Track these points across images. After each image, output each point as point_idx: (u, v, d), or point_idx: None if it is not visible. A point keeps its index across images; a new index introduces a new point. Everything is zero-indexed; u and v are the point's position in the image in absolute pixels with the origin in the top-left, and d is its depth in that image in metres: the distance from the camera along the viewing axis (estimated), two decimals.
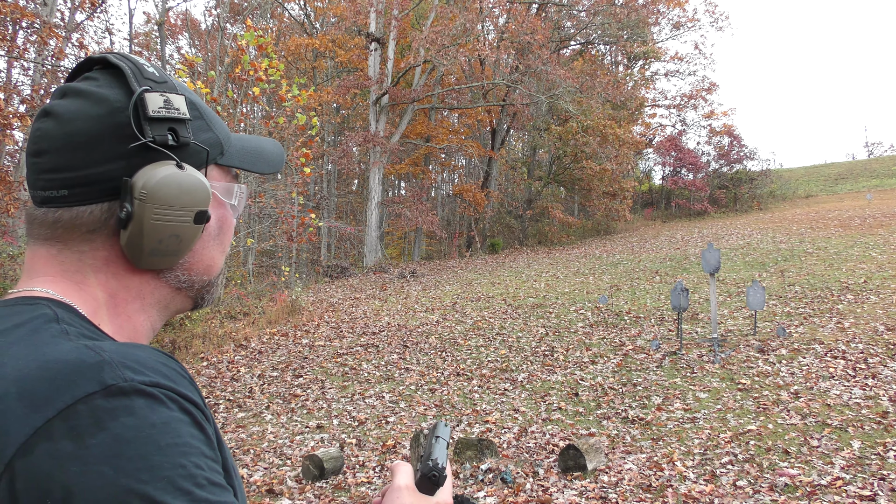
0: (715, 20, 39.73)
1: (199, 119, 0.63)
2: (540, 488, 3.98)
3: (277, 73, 8.67)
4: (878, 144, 47.91)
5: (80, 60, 0.63)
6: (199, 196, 0.59)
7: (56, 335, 0.51)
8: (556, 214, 21.59)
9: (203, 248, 0.64)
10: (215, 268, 0.67)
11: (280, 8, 25.08)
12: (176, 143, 0.59)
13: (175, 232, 0.59)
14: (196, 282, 0.65)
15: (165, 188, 0.57)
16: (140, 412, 0.46)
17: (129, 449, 0.44)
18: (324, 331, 9.41)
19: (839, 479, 3.66)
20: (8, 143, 9.40)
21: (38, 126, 0.58)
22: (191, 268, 0.64)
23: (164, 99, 0.58)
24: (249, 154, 0.69)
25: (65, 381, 0.46)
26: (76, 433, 0.44)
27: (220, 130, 0.66)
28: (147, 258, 0.59)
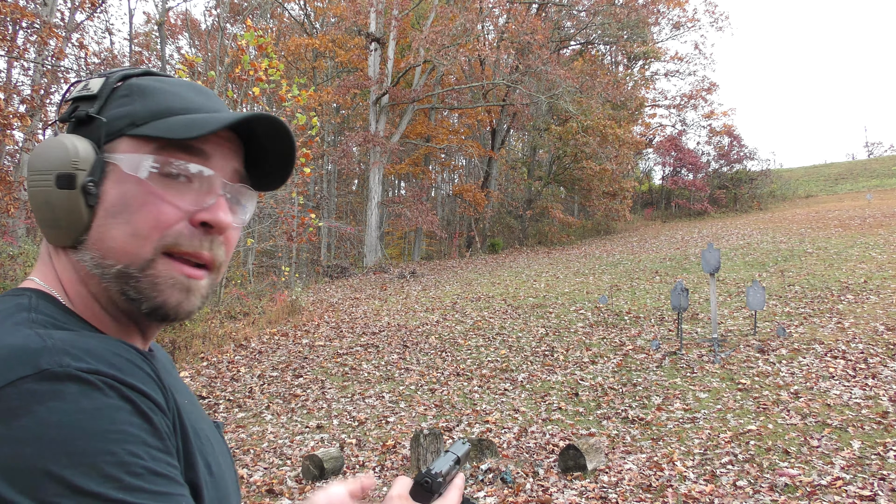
0: (715, 20, 39.75)
1: (126, 97, 0.60)
2: (540, 488, 3.98)
3: (277, 73, 8.67)
4: (878, 144, 47.94)
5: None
6: (55, 156, 0.57)
7: (20, 323, 0.52)
8: (556, 214, 21.59)
9: (101, 227, 0.57)
10: (121, 252, 0.57)
11: (280, 8, 25.09)
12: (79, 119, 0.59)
13: (45, 198, 0.57)
14: (105, 266, 0.57)
15: (34, 156, 0.58)
16: (70, 397, 0.46)
17: (53, 432, 0.44)
18: (324, 331, 9.41)
19: (839, 479, 3.66)
20: (8, 143, 9.40)
21: None
22: (92, 247, 0.58)
23: (85, 83, 0.61)
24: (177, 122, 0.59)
25: (2, 366, 0.46)
26: (3, 416, 0.44)
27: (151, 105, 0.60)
28: (42, 229, 0.59)
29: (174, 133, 0.57)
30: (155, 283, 0.58)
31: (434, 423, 5.49)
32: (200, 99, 0.63)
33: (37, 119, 9.89)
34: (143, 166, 0.58)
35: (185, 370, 7.73)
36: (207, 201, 0.60)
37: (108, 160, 0.58)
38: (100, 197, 0.57)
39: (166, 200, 0.58)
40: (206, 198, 0.60)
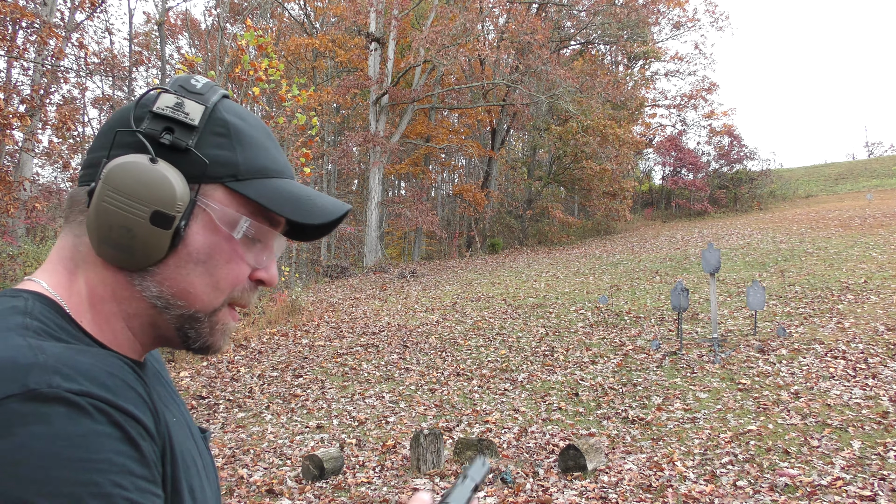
0: (715, 20, 39.77)
1: (223, 137, 0.60)
2: (540, 488, 3.98)
3: (277, 73, 8.67)
4: (878, 144, 47.94)
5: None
6: (158, 193, 0.55)
7: (12, 328, 0.50)
8: (556, 214, 21.59)
9: (179, 267, 0.59)
10: (196, 298, 0.59)
11: (280, 8, 25.08)
12: (169, 143, 0.57)
13: (126, 224, 0.56)
14: (172, 304, 0.59)
15: (123, 173, 0.56)
16: (56, 421, 0.44)
17: (33, 459, 0.42)
18: (324, 331, 9.41)
19: (839, 480, 3.66)
20: (8, 143, 9.40)
21: None
22: (163, 283, 0.58)
23: (176, 101, 0.58)
24: (280, 195, 0.61)
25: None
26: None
27: (251, 159, 0.61)
28: (100, 246, 0.57)
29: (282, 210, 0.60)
30: (214, 327, 0.62)
31: (434, 423, 5.49)
32: (279, 154, 0.65)
33: (36, 119, 9.89)
34: (240, 227, 0.60)
35: (185, 370, 7.73)
36: (266, 260, 0.64)
37: (201, 204, 0.59)
38: (184, 239, 0.58)
39: (245, 261, 0.62)
40: (264, 256, 0.64)
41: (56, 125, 9.37)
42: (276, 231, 0.64)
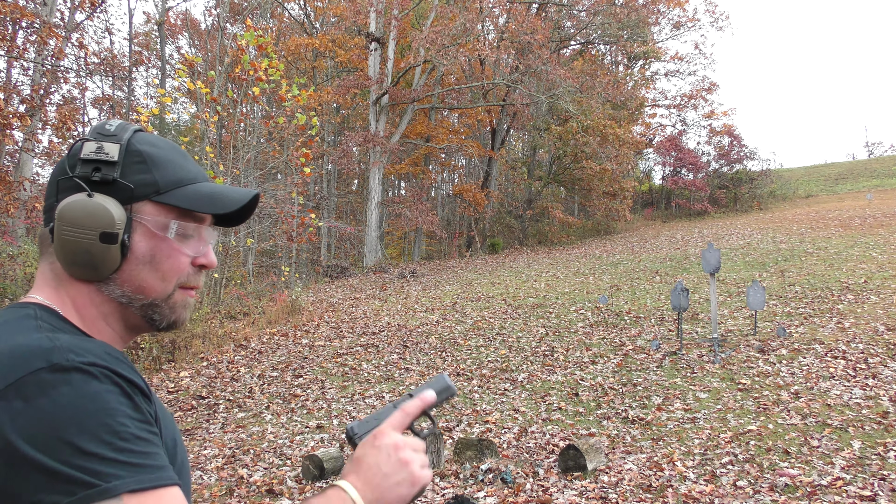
0: (715, 20, 39.74)
1: (140, 163, 0.76)
2: (540, 488, 3.97)
3: (277, 73, 8.67)
4: (879, 144, 47.91)
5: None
6: (100, 220, 0.72)
7: (30, 328, 0.67)
8: (556, 214, 21.59)
9: (132, 269, 0.76)
10: (149, 290, 0.77)
11: (280, 8, 25.08)
12: (99, 179, 0.73)
13: (83, 247, 0.72)
14: (134, 299, 0.77)
15: (70, 211, 0.72)
16: (76, 384, 0.60)
17: (65, 410, 0.59)
18: (324, 331, 9.41)
19: (839, 480, 3.66)
20: (8, 143, 9.40)
21: None
22: (123, 284, 0.76)
23: (97, 146, 0.74)
24: (199, 197, 0.79)
25: (22, 360, 0.61)
26: (24, 396, 0.59)
27: (167, 175, 0.77)
28: (69, 268, 0.74)
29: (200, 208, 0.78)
30: (173, 308, 0.79)
31: None
32: (190, 165, 0.81)
33: (36, 119, 9.88)
34: (171, 229, 0.77)
35: (185, 370, 7.73)
36: (202, 249, 0.81)
37: (136, 219, 0.75)
38: (130, 248, 0.75)
39: (182, 252, 0.78)
40: (200, 245, 0.81)
41: (56, 125, 9.37)
42: (204, 224, 0.81)
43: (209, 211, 0.78)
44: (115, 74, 22.10)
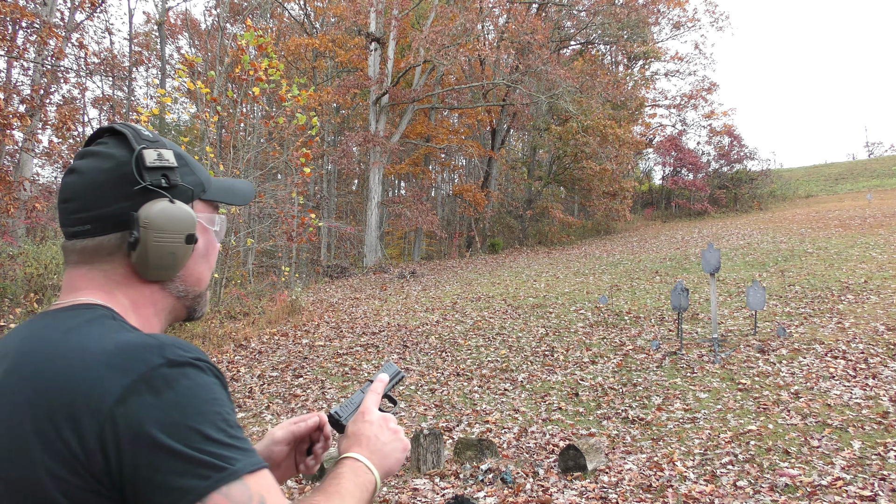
0: (715, 20, 39.74)
1: (185, 166, 0.83)
2: (540, 488, 3.97)
3: (277, 73, 8.67)
4: (879, 144, 47.91)
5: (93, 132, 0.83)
6: (187, 223, 0.79)
7: (116, 328, 0.71)
8: (556, 214, 21.58)
9: (194, 264, 0.83)
10: (203, 281, 0.85)
11: (280, 8, 25.08)
12: (168, 184, 0.78)
13: (171, 250, 0.78)
14: (190, 292, 0.84)
15: (162, 218, 0.76)
16: (192, 377, 0.66)
17: (188, 400, 0.65)
18: (324, 331, 9.41)
19: (839, 480, 3.66)
20: (8, 143, 9.40)
21: (66, 180, 0.78)
22: (186, 280, 0.83)
23: (157, 153, 0.78)
24: (225, 190, 0.88)
25: (139, 356, 0.66)
26: (154, 390, 0.64)
27: (202, 174, 0.86)
28: (152, 272, 0.78)
29: (234, 201, 0.88)
30: (206, 299, 0.88)
31: (434, 423, 5.49)
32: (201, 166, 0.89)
33: (36, 119, 9.88)
34: (216, 221, 0.87)
35: None
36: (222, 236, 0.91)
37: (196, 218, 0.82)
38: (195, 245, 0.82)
39: (218, 243, 0.88)
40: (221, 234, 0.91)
41: (56, 125, 9.37)
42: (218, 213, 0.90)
43: (237, 203, 0.89)
44: (115, 74, 22.09)
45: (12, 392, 0.67)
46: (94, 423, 0.62)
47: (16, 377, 0.68)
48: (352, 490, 0.79)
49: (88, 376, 0.64)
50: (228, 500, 0.62)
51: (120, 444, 0.62)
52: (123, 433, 0.62)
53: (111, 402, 0.62)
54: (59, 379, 0.65)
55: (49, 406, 0.64)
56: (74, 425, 0.62)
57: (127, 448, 0.62)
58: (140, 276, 0.78)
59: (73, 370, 0.65)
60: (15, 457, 0.64)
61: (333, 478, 0.81)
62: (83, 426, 0.62)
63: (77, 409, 0.63)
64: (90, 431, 0.62)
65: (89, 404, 0.63)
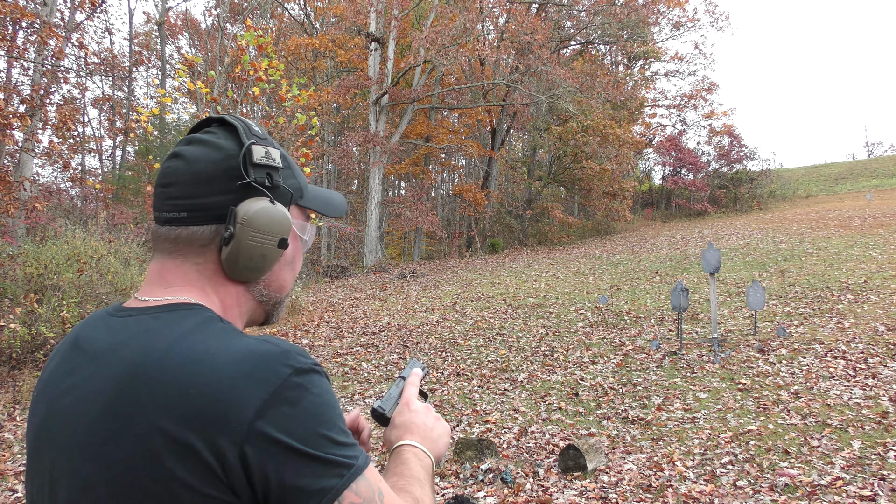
0: (715, 20, 39.74)
1: (288, 169, 0.82)
2: (540, 488, 3.97)
3: (277, 73, 8.67)
4: (878, 144, 47.91)
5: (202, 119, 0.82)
6: (284, 226, 0.77)
7: (231, 332, 0.71)
8: (556, 214, 21.58)
9: (280, 270, 0.83)
10: (286, 288, 0.85)
11: (280, 8, 25.08)
12: (270, 184, 0.77)
13: (263, 252, 0.77)
14: (272, 297, 0.83)
15: (260, 217, 0.75)
16: (318, 383, 0.69)
17: (319, 409, 0.67)
18: (324, 331, 9.41)
19: (839, 480, 3.66)
20: (8, 143, 9.40)
21: (169, 164, 0.76)
22: (269, 284, 0.82)
23: (265, 151, 0.77)
24: (321, 200, 0.87)
25: (270, 367, 0.66)
26: (290, 401, 0.65)
27: (301, 179, 0.85)
28: (240, 271, 0.77)
29: (328, 213, 0.87)
30: (284, 305, 0.88)
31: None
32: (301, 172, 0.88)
33: (36, 119, 9.88)
34: (307, 230, 0.86)
35: None
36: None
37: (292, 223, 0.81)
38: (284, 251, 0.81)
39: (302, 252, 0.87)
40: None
41: (56, 125, 9.37)
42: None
43: (331, 215, 0.87)
44: (115, 74, 22.09)
45: (136, 400, 0.65)
46: (236, 436, 0.63)
47: (141, 385, 0.66)
48: (420, 474, 0.82)
49: (224, 389, 0.64)
50: (358, 495, 0.67)
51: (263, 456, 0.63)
52: (265, 445, 0.63)
53: (251, 416, 0.63)
54: (192, 389, 0.64)
55: (184, 417, 0.63)
56: (212, 437, 0.62)
57: (270, 459, 0.63)
58: (226, 275, 0.77)
59: (206, 381, 0.64)
60: (148, 466, 0.63)
61: (402, 464, 0.83)
62: (222, 439, 0.62)
63: (215, 421, 0.63)
64: (230, 444, 0.63)
65: (228, 417, 0.63)
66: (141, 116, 8.79)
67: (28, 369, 6.63)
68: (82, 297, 7.25)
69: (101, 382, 0.69)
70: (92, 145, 25.22)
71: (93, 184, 16.64)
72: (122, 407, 0.66)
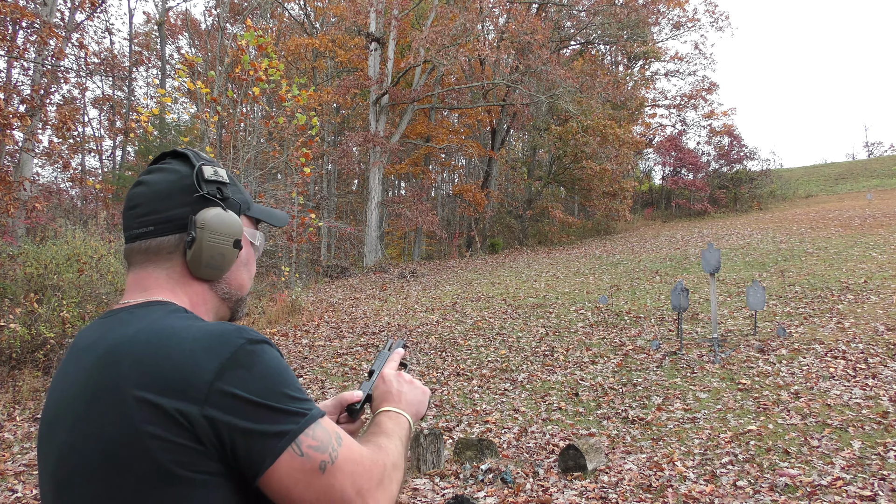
0: (715, 20, 39.64)
1: (234, 186, 0.96)
2: (540, 488, 3.97)
3: (277, 73, 8.66)
4: (879, 144, 47.82)
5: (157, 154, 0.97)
6: (235, 228, 0.92)
7: (193, 318, 0.84)
8: (556, 214, 21.58)
9: (237, 270, 0.96)
10: (245, 287, 0.99)
11: (280, 8, 25.07)
12: (221, 196, 0.92)
13: (221, 251, 0.90)
14: (233, 295, 0.97)
15: (216, 221, 0.89)
16: (268, 352, 0.80)
17: (272, 370, 0.78)
18: (324, 331, 9.41)
19: (839, 480, 3.66)
20: (8, 143, 9.40)
21: (134, 190, 0.91)
22: (230, 283, 0.95)
23: (213, 170, 0.92)
24: (266, 212, 1.03)
25: (226, 338, 0.78)
26: (243, 364, 0.76)
27: (247, 195, 1.00)
28: (203, 269, 0.90)
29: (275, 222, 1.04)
30: (246, 303, 1.02)
31: (434, 423, 5.49)
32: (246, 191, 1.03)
33: (36, 119, 9.88)
34: (257, 237, 1.01)
35: None
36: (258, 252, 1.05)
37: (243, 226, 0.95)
38: (238, 252, 0.94)
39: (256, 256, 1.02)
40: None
41: (56, 125, 9.37)
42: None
43: (275, 224, 1.04)
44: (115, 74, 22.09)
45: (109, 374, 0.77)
46: (198, 398, 0.74)
47: (114, 361, 0.78)
48: (392, 428, 0.95)
49: (186, 358, 0.75)
50: (315, 439, 0.78)
51: (225, 411, 0.74)
52: (226, 401, 0.74)
53: (210, 378, 0.74)
54: (161, 361, 0.75)
55: (151, 384, 0.74)
56: (177, 399, 0.73)
57: (231, 413, 0.74)
58: (193, 275, 0.91)
59: (170, 353, 0.76)
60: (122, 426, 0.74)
61: (375, 425, 0.96)
62: (185, 400, 0.73)
63: (178, 386, 0.74)
64: (193, 405, 0.73)
65: (190, 381, 0.74)
66: (141, 116, 8.79)
67: (28, 369, 6.62)
68: (82, 297, 7.25)
69: (84, 368, 0.81)
70: (92, 145, 25.22)
71: (93, 184, 16.64)
72: (99, 381, 0.78)
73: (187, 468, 0.74)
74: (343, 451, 0.81)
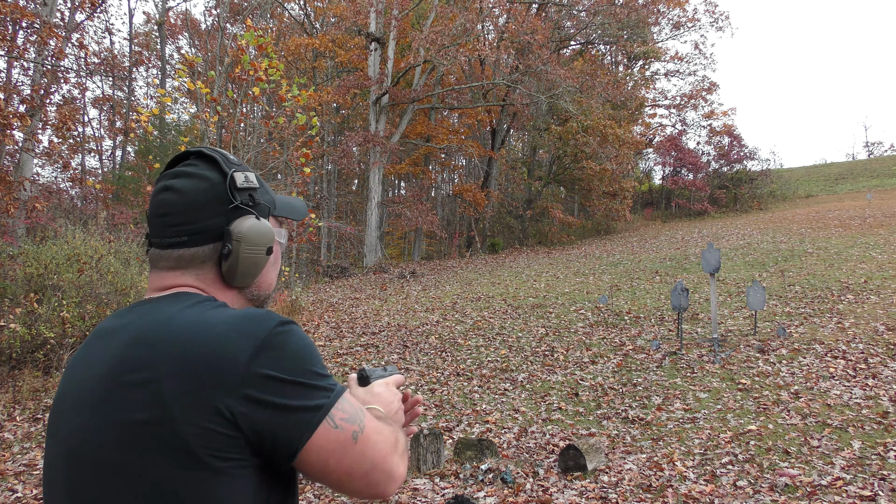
0: (715, 20, 39.61)
1: (262, 187, 0.96)
2: (540, 488, 3.97)
3: (277, 73, 8.66)
4: (879, 144, 47.83)
5: (180, 152, 0.95)
6: (269, 236, 0.93)
7: (222, 306, 0.86)
8: (556, 214, 21.58)
9: (267, 272, 0.98)
10: (272, 286, 1.01)
11: (280, 8, 25.07)
12: (253, 203, 0.92)
13: (256, 261, 0.92)
14: (261, 296, 0.99)
15: (252, 233, 0.90)
16: (298, 333, 0.83)
17: (302, 350, 0.82)
18: (324, 331, 9.41)
19: (839, 480, 3.66)
20: (8, 143, 9.40)
21: (162, 197, 0.89)
22: (259, 286, 0.97)
23: (244, 176, 0.92)
24: (288, 207, 1.03)
25: (257, 323, 0.81)
26: (277, 346, 0.80)
27: (272, 193, 1.00)
28: (238, 279, 0.92)
29: (294, 217, 1.03)
30: (271, 298, 1.03)
31: (434, 423, 5.49)
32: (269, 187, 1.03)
33: (36, 119, 9.88)
34: (283, 235, 1.02)
35: None
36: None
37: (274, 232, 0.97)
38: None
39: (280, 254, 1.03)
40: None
41: (56, 125, 9.37)
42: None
43: (296, 218, 1.04)
44: (115, 74, 22.09)
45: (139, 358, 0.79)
46: (234, 383, 0.76)
47: (147, 345, 0.79)
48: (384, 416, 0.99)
49: (220, 343, 0.77)
50: (344, 412, 0.83)
51: (262, 393, 0.77)
52: (262, 383, 0.77)
53: (245, 362, 0.77)
54: (196, 346, 0.77)
55: (190, 369, 0.76)
56: (217, 382, 0.75)
57: (268, 393, 0.77)
58: (224, 282, 0.92)
59: (203, 339, 0.78)
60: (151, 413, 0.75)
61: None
62: (221, 388, 0.75)
63: (217, 370, 0.76)
64: (229, 392, 0.75)
65: (224, 367, 0.76)
66: (141, 116, 8.79)
67: (28, 369, 6.62)
68: (82, 297, 7.25)
69: (108, 351, 0.83)
70: (92, 145, 25.23)
71: (93, 184, 16.64)
72: (129, 364, 0.79)
73: (215, 454, 0.75)
74: (368, 422, 0.86)
